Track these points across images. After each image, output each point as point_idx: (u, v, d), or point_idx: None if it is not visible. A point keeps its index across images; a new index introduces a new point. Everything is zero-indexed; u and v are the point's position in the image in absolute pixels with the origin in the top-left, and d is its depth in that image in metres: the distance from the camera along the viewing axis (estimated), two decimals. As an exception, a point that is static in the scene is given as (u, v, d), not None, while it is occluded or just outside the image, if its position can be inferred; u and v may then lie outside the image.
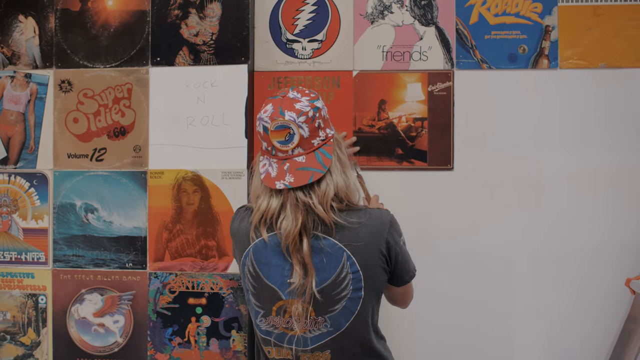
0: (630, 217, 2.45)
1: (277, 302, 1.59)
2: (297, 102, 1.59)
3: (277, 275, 1.58)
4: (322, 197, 1.55)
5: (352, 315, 1.59)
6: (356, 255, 1.56)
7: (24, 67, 2.62)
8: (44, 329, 2.59)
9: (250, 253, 1.62)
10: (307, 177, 1.56)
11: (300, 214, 1.54)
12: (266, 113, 1.62)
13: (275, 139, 1.58)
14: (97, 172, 2.57)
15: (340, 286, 1.56)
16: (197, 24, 2.53)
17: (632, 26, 2.46)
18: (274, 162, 1.62)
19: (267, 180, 1.61)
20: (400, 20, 2.53)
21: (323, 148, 1.61)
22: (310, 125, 1.58)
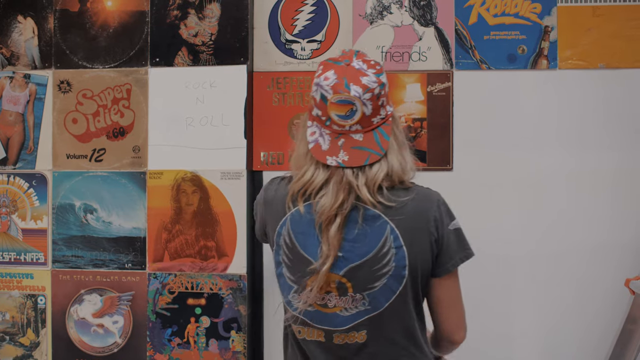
0: (629, 217, 2.45)
1: (313, 275, 1.45)
2: (364, 75, 1.43)
3: (314, 247, 1.46)
4: (371, 180, 1.43)
5: (394, 295, 1.45)
6: (400, 229, 1.44)
7: (23, 67, 2.62)
8: (43, 329, 2.58)
9: (288, 222, 1.49)
10: (363, 158, 1.44)
11: (341, 193, 1.42)
12: (327, 81, 1.44)
13: (334, 111, 1.44)
14: (96, 172, 2.56)
15: (381, 261, 1.44)
16: (196, 25, 2.53)
17: (632, 27, 2.46)
18: (326, 133, 1.48)
19: (316, 152, 1.47)
20: (400, 21, 2.53)
21: (382, 127, 1.47)
22: (374, 103, 1.44)
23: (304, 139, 1.52)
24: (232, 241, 2.48)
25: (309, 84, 2.53)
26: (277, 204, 1.53)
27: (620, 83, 2.46)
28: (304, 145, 1.51)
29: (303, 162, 1.50)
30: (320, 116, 1.47)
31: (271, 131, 2.56)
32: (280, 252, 1.52)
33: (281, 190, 1.55)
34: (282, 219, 1.50)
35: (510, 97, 2.49)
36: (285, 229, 1.49)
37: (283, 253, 1.51)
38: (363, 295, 1.45)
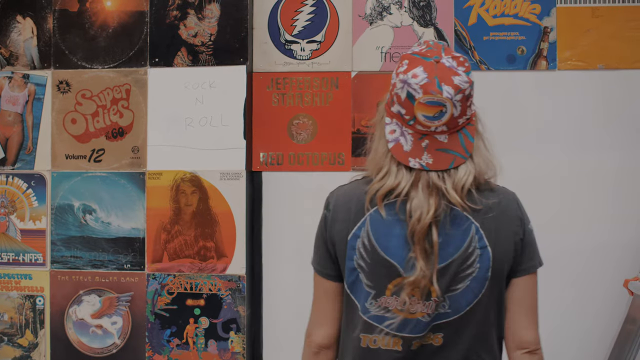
0: (628, 218, 2.45)
1: (395, 279, 1.36)
2: (455, 74, 1.33)
3: (397, 248, 1.36)
4: (458, 183, 1.35)
5: (475, 298, 1.37)
6: (485, 229, 1.37)
7: (22, 67, 2.61)
8: (41, 330, 2.58)
9: (367, 223, 1.38)
10: (447, 161, 1.35)
11: (433, 199, 1.33)
12: (416, 79, 1.33)
13: (421, 112, 1.34)
14: (95, 173, 2.56)
15: (466, 262, 1.36)
16: (195, 25, 2.53)
17: (631, 27, 2.46)
18: (408, 133, 1.37)
19: (397, 152, 1.37)
20: (399, 21, 2.53)
21: (466, 128, 1.39)
22: (464, 104, 1.35)
23: (383, 137, 1.41)
24: (231, 242, 2.48)
25: (309, 85, 2.54)
26: (353, 204, 1.42)
27: (620, 84, 2.46)
28: (383, 144, 1.41)
29: (382, 162, 1.40)
30: (404, 115, 1.37)
31: (270, 132, 2.56)
32: (354, 256, 1.40)
33: (357, 190, 1.43)
34: (361, 219, 1.39)
35: (509, 98, 2.49)
36: (365, 230, 1.38)
37: (359, 257, 1.39)
38: (445, 297, 1.37)
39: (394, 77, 1.38)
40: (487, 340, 1.43)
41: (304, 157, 2.55)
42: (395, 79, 1.37)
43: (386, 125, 1.41)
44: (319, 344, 1.49)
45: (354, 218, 1.40)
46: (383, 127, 1.42)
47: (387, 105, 1.42)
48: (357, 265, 1.39)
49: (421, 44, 1.41)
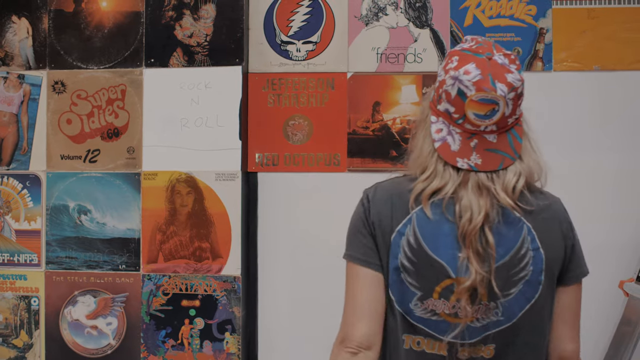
0: (624, 219, 2.45)
1: (443, 280, 1.29)
2: (508, 72, 1.29)
3: (447, 247, 1.28)
4: (508, 185, 1.30)
5: (528, 303, 1.30)
6: (537, 229, 1.31)
7: (17, 68, 2.61)
8: (36, 331, 2.57)
9: (414, 220, 1.30)
10: (496, 162, 1.30)
11: (483, 199, 1.28)
12: (468, 75, 1.27)
13: (472, 110, 1.28)
14: (90, 173, 2.56)
15: (519, 264, 1.30)
16: (191, 25, 2.53)
17: (627, 29, 2.46)
18: (456, 132, 1.32)
19: (444, 152, 1.31)
20: (395, 22, 2.53)
21: (515, 129, 1.34)
22: (515, 103, 1.31)
23: (428, 136, 1.35)
24: (226, 242, 2.47)
25: (304, 85, 2.54)
26: (395, 200, 1.34)
27: (616, 85, 2.46)
28: (429, 143, 1.35)
29: (427, 162, 1.34)
30: (452, 113, 1.31)
31: (266, 132, 2.56)
32: (399, 255, 1.32)
33: (399, 187, 1.36)
34: (407, 217, 1.32)
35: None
36: (411, 228, 1.31)
37: (404, 256, 1.31)
38: (497, 303, 1.29)
39: (442, 73, 1.32)
40: (540, 351, 1.37)
41: (299, 158, 2.55)
42: (443, 76, 1.31)
43: (432, 124, 1.35)
44: (359, 343, 1.32)
45: (398, 215, 1.33)
46: (428, 126, 1.36)
47: (432, 104, 1.36)
48: (401, 265, 1.32)
49: (468, 40, 1.36)
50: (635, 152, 2.45)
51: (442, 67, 1.33)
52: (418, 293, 1.31)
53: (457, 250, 1.28)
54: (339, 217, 2.57)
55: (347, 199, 2.57)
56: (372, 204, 1.36)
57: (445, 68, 1.32)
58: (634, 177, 2.46)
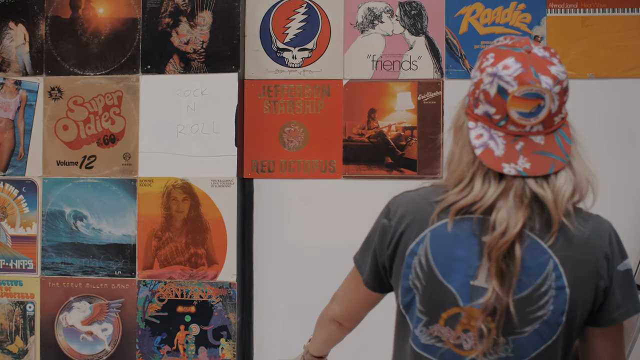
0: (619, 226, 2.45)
1: (450, 308, 1.19)
2: (551, 64, 1.16)
3: (458, 274, 1.18)
4: (559, 193, 1.17)
5: (544, 345, 1.17)
6: (565, 266, 1.16)
7: (14, 74, 2.62)
8: (31, 337, 2.57)
9: (427, 240, 1.20)
10: (547, 165, 1.17)
11: (523, 211, 1.15)
12: (508, 70, 1.15)
13: (516, 108, 1.16)
14: (86, 179, 2.56)
15: (537, 302, 1.16)
16: (187, 32, 2.54)
17: (620, 37, 2.48)
18: (498, 135, 1.18)
19: (488, 158, 1.17)
20: (390, 30, 2.55)
21: (562, 129, 1.21)
22: (561, 99, 1.17)
23: (467, 144, 1.22)
24: (222, 249, 2.48)
25: (300, 92, 2.55)
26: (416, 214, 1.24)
27: (609, 93, 2.48)
28: (468, 152, 1.21)
29: (465, 172, 1.21)
30: (492, 115, 1.18)
31: (262, 139, 2.57)
32: (410, 275, 1.22)
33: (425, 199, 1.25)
34: (420, 234, 1.22)
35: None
36: (423, 247, 1.21)
37: (415, 277, 1.22)
38: (507, 340, 1.17)
39: (477, 74, 1.21)
40: None
41: (295, 165, 2.56)
42: (479, 75, 1.20)
43: (470, 130, 1.21)
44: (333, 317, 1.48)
45: (415, 231, 1.23)
46: (466, 133, 1.22)
47: (469, 109, 1.23)
48: (413, 286, 1.23)
49: (501, 39, 1.24)
50: (630, 159, 2.47)
51: (477, 68, 1.22)
52: (424, 319, 1.22)
53: (470, 278, 1.17)
54: (334, 223, 2.60)
55: (343, 205, 2.59)
56: (394, 222, 1.27)
57: (481, 67, 1.20)
58: (629, 184, 2.47)
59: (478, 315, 1.16)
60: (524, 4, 2.51)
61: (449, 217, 1.19)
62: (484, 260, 1.16)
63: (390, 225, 1.27)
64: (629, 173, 2.46)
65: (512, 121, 1.17)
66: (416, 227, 1.23)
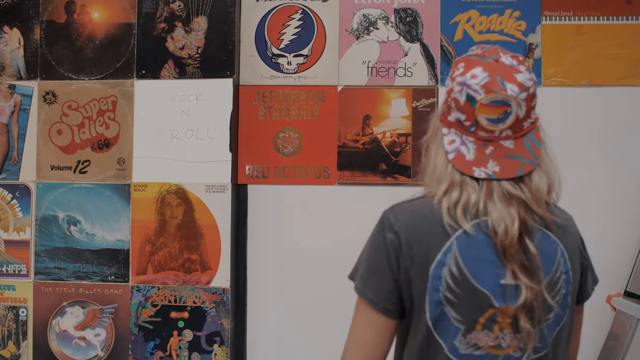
0: (614, 234, 2.46)
1: (487, 311, 1.19)
2: (517, 72, 1.22)
3: (489, 275, 1.19)
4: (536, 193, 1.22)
5: (558, 327, 1.24)
6: (567, 251, 1.25)
7: (8, 78, 2.61)
8: (24, 342, 2.56)
9: (455, 247, 1.20)
10: (516, 168, 1.22)
11: (514, 208, 1.20)
12: (476, 79, 1.21)
13: (484, 114, 1.21)
14: (80, 184, 2.55)
15: (555, 288, 1.22)
16: (183, 38, 2.54)
17: (615, 45, 2.49)
18: (469, 141, 1.24)
19: (459, 163, 1.23)
20: (386, 37, 2.55)
21: (532, 133, 1.26)
22: (528, 104, 1.23)
23: (441, 149, 1.27)
24: (216, 254, 2.47)
25: (295, 98, 2.55)
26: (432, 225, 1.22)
27: (604, 101, 2.48)
28: (442, 157, 1.26)
29: (442, 175, 1.25)
30: (463, 121, 1.24)
31: (256, 145, 2.57)
32: (440, 287, 1.20)
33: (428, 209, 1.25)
34: (446, 243, 1.20)
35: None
36: (452, 256, 1.20)
37: (446, 288, 1.20)
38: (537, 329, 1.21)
39: (449, 82, 1.27)
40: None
41: (289, 171, 2.56)
42: (451, 84, 1.25)
43: (444, 137, 1.27)
44: None
45: (436, 241, 1.21)
46: (440, 139, 1.28)
47: (443, 116, 1.29)
48: (444, 298, 1.20)
49: (474, 48, 1.30)
50: (624, 167, 2.47)
51: (449, 77, 1.27)
52: (462, 328, 1.21)
53: (499, 277, 1.19)
54: (329, 229, 2.59)
55: (337, 211, 2.59)
56: (403, 235, 1.23)
57: (452, 76, 1.26)
58: (623, 192, 2.48)
59: (512, 312, 1.18)
60: (519, 12, 2.52)
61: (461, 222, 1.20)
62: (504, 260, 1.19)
63: (399, 237, 1.23)
64: (624, 181, 2.47)
65: (482, 127, 1.22)
66: (436, 236, 1.21)
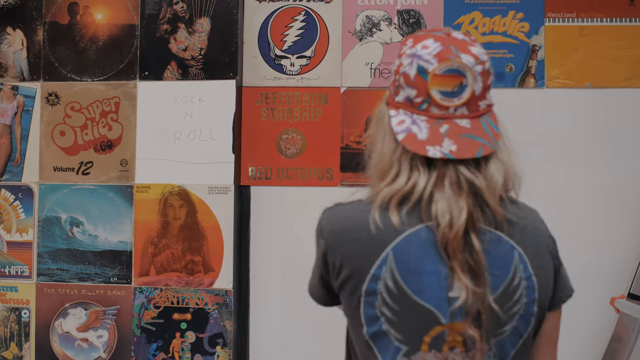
0: (617, 236, 2.46)
1: (432, 328, 1.07)
2: (471, 45, 1.12)
3: (433, 288, 1.07)
4: (490, 182, 1.09)
5: (520, 339, 1.12)
6: (528, 254, 1.11)
7: (11, 79, 2.61)
8: (26, 343, 2.56)
9: (391, 259, 1.07)
10: (475, 148, 1.09)
11: (464, 199, 1.07)
12: (427, 50, 1.10)
13: (437, 87, 1.09)
14: (83, 185, 2.55)
15: (512, 297, 1.09)
16: (186, 39, 2.54)
17: (618, 47, 2.48)
18: (421, 120, 1.11)
19: (411, 142, 1.09)
20: (389, 38, 2.55)
21: (488, 116, 1.14)
22: (484, 82, 1.12)
23: (388, 135, 1.14)
24: (218, 256, 2.47)
25: (298, 100, 2.55)
26: (363, 233, 1.09)
27: (607, 102, 2.48)
28: (390, 142, 1.13)
29: (388, 162, 1.12)
30: (413, 98, 1.11)
31: (259, 146, 2.57)
32: (376, 302, 1.08)
33: (365, 214, 1.10)
34: (381, 255, 1.08)
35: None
36: (387, 268, 1.07)
37: (382, 303, 1.08)
38: (490, 344, 1.09)
39: (397, 61, 1.15)
40: None
41: (292, 172, 2.56)
42: (399, 60, 1.14)
43: (391, 119, 1.13)
44: None
45: (370, 252, 1.08)
46: (387, 123, 1.14)
47: (389, 99, 1.16)
48: (380, 314, 1.08)
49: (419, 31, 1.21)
50: (627, 168, 2.47)
51: (397, 56, 1.16)
52: (403, 348, 1.09)
53: (445, 290, 1.07)
54: (331, 231, 2.59)
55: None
56: (331, 241, 1.13)
57: (400, 53, 1.15)
58: (625, 193, 2.47)
59: (462, 328, 1.06)
60: (522, 13, 2.51)
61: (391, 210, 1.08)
62: (449, 264, 1.06)
63: (327, 245, 1.13)
64: (626, 182, 2.46)
65: (435, 102, 1.10)
66: (370, 247, 1.08)
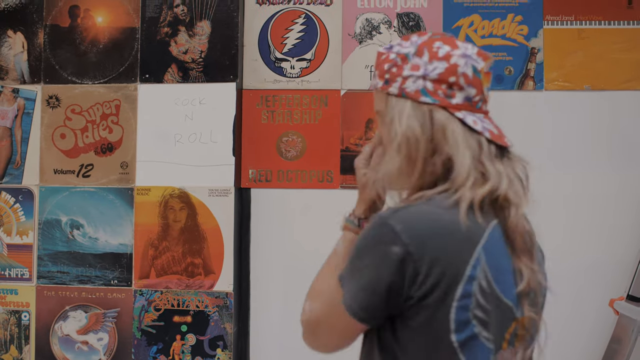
0: (616, 237, 2.46)
1: (511, 325, 1.07)
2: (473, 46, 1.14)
3: (511, 285, 1.06)
4: None
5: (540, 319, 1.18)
6: None
7: (12, 82, 2.61)
8: (26, 346, 2.56)
9: (482, 258, 1.01)
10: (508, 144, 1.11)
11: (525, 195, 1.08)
12: (469, 50, 1.08)
13: (486, 84, 1.10)
14: (83, 188, 2.56)
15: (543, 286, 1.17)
16: (186, 42, 2.55)
17: (616, 49, 2.50)
18: (481, 118, 1.09)
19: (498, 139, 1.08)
20: (388, 41, 2.55)
21: None
22: None
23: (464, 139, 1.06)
24: (219, 258, 2.47)
25: (298, 102, 2.55)
26: (456, 233, 1.01)
27: (606, 104, 2.49)
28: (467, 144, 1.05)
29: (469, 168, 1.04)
30: (473, 97, 1.08)
31: (260, 149, 2.57)
32: (470, 305, 1.00)
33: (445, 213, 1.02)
34: (473, 255, 1.01)
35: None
36: (481, 268, 1.01)
37: (476, 306, 1.01)
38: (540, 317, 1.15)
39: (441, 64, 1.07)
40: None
41: (292, 174, 2.56)
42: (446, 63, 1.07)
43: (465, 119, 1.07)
44: None
45: (464, 253, 1.01)
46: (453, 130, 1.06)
47: (444, 103, 1.07)
48: (474, 317, 1.01)
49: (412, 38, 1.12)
50: (625, 171, 2.48)
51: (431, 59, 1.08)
52: (492, 347, 1.04)
53: (515, 286, 1.07)
54: (332, 233, 2.58)
55: (340, 215, 2.58)
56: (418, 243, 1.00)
57: (439, 56, 1.07)
58: (624, 195, 2.48)
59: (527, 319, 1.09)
60: (521, 16, 2.53)
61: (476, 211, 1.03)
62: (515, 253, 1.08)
63: (409, 252, 0.99)
64: (626, 185, 2.47)
65: (485, 100, 1.11)
66: (462, 245, 1.01)
